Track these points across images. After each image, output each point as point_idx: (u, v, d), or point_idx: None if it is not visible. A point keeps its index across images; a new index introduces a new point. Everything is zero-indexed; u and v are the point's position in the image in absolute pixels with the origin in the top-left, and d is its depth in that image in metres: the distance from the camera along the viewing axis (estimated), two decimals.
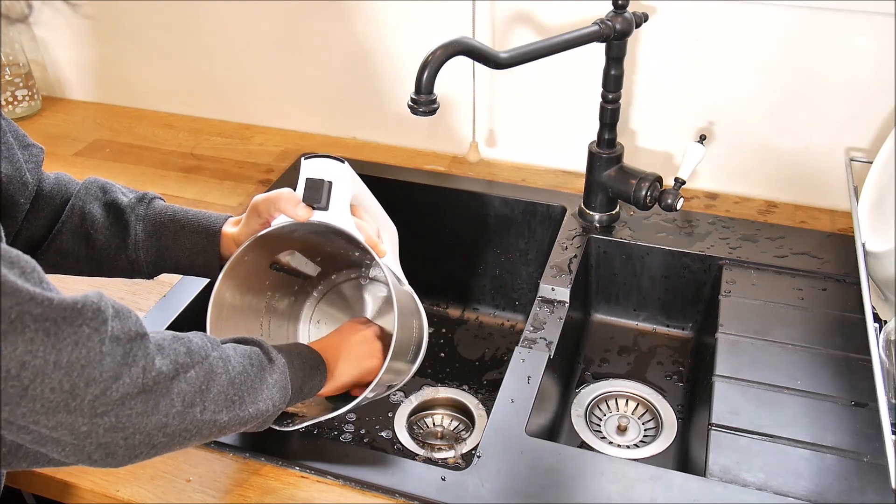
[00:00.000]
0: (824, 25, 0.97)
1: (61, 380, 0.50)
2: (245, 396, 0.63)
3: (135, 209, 0.79)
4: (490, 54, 0.82)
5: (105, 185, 0.80)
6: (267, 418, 0.67)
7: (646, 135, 1.14)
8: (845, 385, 0.82)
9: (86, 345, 0.51)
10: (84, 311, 0.51)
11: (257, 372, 0.65)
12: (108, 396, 0.52)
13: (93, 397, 0.52)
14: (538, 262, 1.15)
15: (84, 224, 0.77)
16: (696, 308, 1.06)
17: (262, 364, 0.66)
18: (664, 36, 1.05)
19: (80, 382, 0.51)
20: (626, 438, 0.96)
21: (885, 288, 0.84)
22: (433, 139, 1.26)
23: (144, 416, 0.55)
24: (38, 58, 1.44)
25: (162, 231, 0.79)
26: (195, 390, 0.59)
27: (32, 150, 0.75)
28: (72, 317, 0.50)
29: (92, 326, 0.51)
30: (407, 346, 0.79)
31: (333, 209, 0.75)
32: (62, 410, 0.51)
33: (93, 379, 0.51)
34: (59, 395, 0.50)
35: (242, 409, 0.63)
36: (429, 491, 0.72)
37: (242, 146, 1.32)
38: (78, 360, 0.50)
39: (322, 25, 1.22)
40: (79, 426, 0.52)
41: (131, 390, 0.54)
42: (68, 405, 0.51)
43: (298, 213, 0.74)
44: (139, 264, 0.79)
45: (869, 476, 0.72)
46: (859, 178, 0.97)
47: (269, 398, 0.66)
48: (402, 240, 0.90)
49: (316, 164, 0.76)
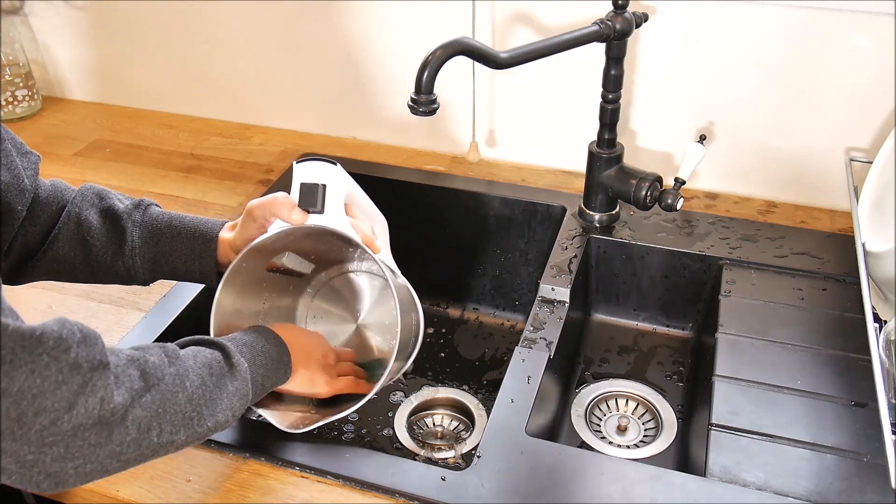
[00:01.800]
0: (824, 25, 0.97)
1: (8, 408, 0.49)
2: (203, 411, 0.63)
3: (131, 215, 0.79)
4: (490, 54, 0.82)
5: (101, 191, 0.80)
6: (228, 426, 0.67)
7: (646, 135, 1.14)
8: (845, 385, 0.82)
9: (42, 374, 0.50)
10: (44, 340, 0.50)
11: (217, 381, 0.65)
12: (59, 427, 0.51)
13: (41, 427, 0.51)
14: (538, 262, 1.15)
15: (80, 230, 0.77)
16: (696, 308, 1.06)
17: (221, 372, 0.66)
18: (664, 36, 1.05)
19: (29, 412, 0.50)
20: (626, 438, 0.96)
21: (885, 288, 0.84)
22: (433, 139, 1.26)
23: (97, 447, 0.54)
24: (38, 58, 1.44)
25: (159, 237, 0.79)
26: (151, 415, 0.58)
27: (31, 158, 0.75)
28: (31, 345, 0.49)
29: (52, 355, 0.51)
30: (406, 345, 0.80)
31: (329, 212, 0.75)
32: (7, 438, 0.50)
33: (43, 409, 0.50)
34: (5, 422, 0.49)
35: (200, 424, 0.63)
36: (429, 491, 0.72)
37: (242, 146, 1.32)
38: (30, 389, 0.49)
39: (322, 25, 1.22)
40: (24, 455, 0.51)
41: (85, 421, 0.53)
42: (14, 433, 0.50)
43: (294, 218, 0.74)
44: (135, 270, 0.79)
45: (869, 476, 0.72)
46: (859, 178, 0.96)
47: (228, 408, 0.66)
48: (401, 240, 0.90)
49: (309, 167, 0.77)
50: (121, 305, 0.96)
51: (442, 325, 1.20)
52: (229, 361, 0.67)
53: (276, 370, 0.73)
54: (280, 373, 0.74)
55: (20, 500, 0.86)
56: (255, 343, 0.72)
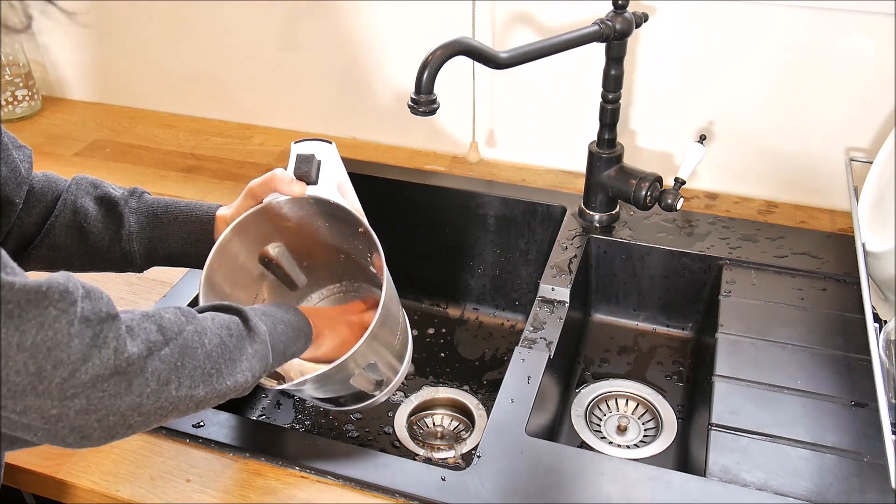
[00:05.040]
0: (824, 25, 0.97)
1: (26, 362, 0.49)
2: (223, 369, 0.62)
3: (127, 202, 0.80)
4: (490, 54, 0.82)
5: (95, 180, 0.81)
6: (248, 387, 0.67)
7: (646, 135, 1.14)
8: (845, 385, 0.82)
9: (52, 326, 0.50)
10: (49, 293, 0.50)
11: (236, 343, 0.65)
12: (78, 378, 0.52)
13: (61, 380, 0.51)
14: (538, 262, 1.15)
15: (77, 218, 0.78)
16: (696, 308, 1.06)
17: (240, 335, 0.65)
18: (664, 36, 1.05)
19: (47, 365, 0.50)
20: (626, 438, 0.96)
21: (885, 288, 0.84)
22: (433, 139, 1.26)
23: (117, 398, 0.54)
24: (38, 58, 1.44)
25: (155, 222, 0.80)
26: (170, 368, 0.58)
27: (24, 151, 0.76)
28: (36, 299, 0.49)
29: (59, 308, 0.51)
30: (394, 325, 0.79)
31: (323, 184, 0.76)
32: (29, 394, 0.50)
33: (60, 361, 0.51)
34: (25, 377, 0.49)
35: (220, 382, 0.62)
36: (429, 491, 0.72)
37: (242, 146, 1.32)
38: (44, 342, 0.50)
39: (322, 25, 1.22)
40: (48, 409, 0.51)
41: (102, 372, 0.53)
42: (35, 388, 0.50)
43: (292, 189, 0.75)
44: (132, 256, 0.80)
45: (869, 476, 0.72)
46: (859, 178, 0.97)
47: (247, 369, 0.65)
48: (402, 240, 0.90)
49: (305, 144, 0.79)
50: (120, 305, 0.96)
51: (442, 325, 1.20)
52: (248, 325, 0.67)
53: (296, 339, 0.73)
54: (301, 342, 0.74)
55: (20, 500, 0.87)
56: (274, 312, 0.72)
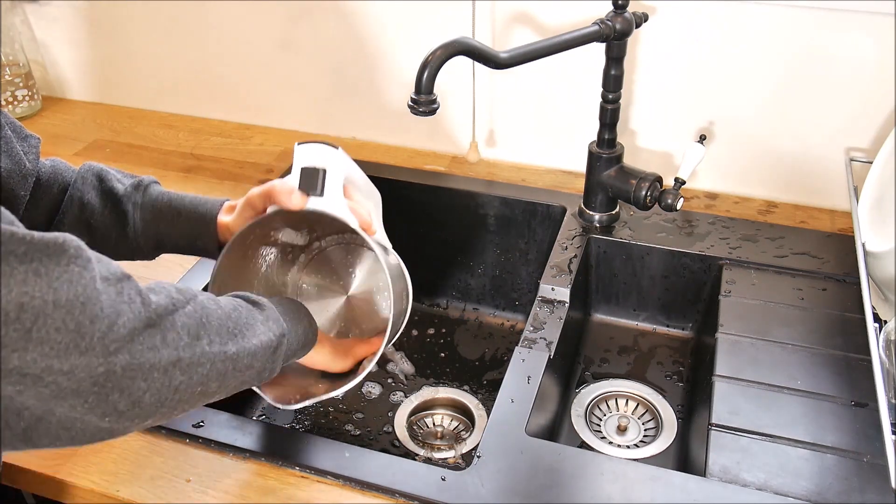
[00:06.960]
0: (824, 26, 0.97)
1: (64, 318, 0.49)
2: (244, 330, 0.63)
3: (131, 197, 0.80)
4: (490, 54, 0.82)
5: (101, 172, 0.81)
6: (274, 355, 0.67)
7: (646, 135, 1.14)
8: (845, 385, 0.82)
9: (79, 282, 0.50)
10: (67, 248, 0.50)
11: (247, 311, 0.65)
12: (116, 332, 0.52)
13: (101, 334, 0.51)
14: (538, 262, 1.15)
15: (84, 214, 0.79)
16: (696, 308, 1.06)
17: (249, 307, 0.67)
18: (664, 36, 1.05)
19: (85, 320, 0.50)
20: (626, 438, 0.96)
21: (885, 288, 0.84)
22: (433, 139, 1.26)
23: (156, 351, 0.54)
24: (38, 58, 1.44)
25: (160, 219, 0.80)
26: (196, 323, 0.58)
27: (31, 141, 0.76)
28: (57, 253, 0.49)
29: (79, 265, 0.50)
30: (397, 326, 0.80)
31: (328, 195, 0.76)
32: (73, 351, 0.50)
33: (96, 316, 0.50)
34: (66, 334, 0.49)
35: (246, 339, 0.63)
36: (429, 491, 0.72)
37: (242, 146, 1.32)
38: (77, 298, 0.49)
39: (322, 25, 1.22)
40: (95, 367, 0.51)
41: (137, 325, 0.53)
42: (78, 345, 0.50)
43: (293, 202, 0.75)
44: (139, 249, 0.81)
45: (869, 476, 0.72)
46: (859, 178, 0.97)
47: (268, 330, 0.66)
48: (402, 240, 0.90)
49: (310, 149, 0.77)
50: None
51: (442, 325, 1.20)
52: (251, 301, 0.68)
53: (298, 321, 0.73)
54: (310, 335, 0.74)
55: (20, 500, 0.87)
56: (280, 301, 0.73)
